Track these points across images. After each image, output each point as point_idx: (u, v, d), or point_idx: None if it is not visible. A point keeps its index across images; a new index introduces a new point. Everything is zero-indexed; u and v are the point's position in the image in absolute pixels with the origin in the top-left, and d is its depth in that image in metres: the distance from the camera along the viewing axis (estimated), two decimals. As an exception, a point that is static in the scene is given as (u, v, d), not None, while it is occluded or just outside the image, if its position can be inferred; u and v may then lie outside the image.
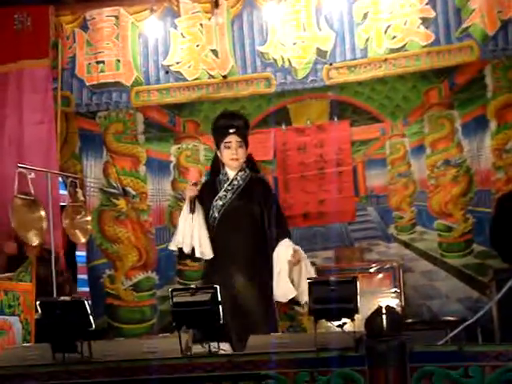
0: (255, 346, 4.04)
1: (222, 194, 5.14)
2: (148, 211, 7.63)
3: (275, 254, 5.05)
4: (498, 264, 6.46)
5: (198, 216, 5.06)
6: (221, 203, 5.12)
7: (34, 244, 6.56)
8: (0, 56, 7.48)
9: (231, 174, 5.20)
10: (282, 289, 4.98)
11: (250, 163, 5.30)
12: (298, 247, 5.08)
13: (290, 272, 4.98)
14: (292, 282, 4.98)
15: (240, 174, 5.20)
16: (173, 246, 5.21)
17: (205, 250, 5.06)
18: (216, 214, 5.13)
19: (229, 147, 5.17)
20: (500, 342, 4.51)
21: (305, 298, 4.81)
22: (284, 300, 4.99)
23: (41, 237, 6.60)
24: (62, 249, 7.11)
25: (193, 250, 5.07)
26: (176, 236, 5.16)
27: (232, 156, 5.17)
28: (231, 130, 5.16)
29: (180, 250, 5.13)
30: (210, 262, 5.15)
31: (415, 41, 7.00)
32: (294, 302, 5.09)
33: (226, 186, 5.16)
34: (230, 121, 5.25)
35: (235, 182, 5.17)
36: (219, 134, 5.24)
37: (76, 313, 4.09)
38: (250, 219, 5.11)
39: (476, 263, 6.97)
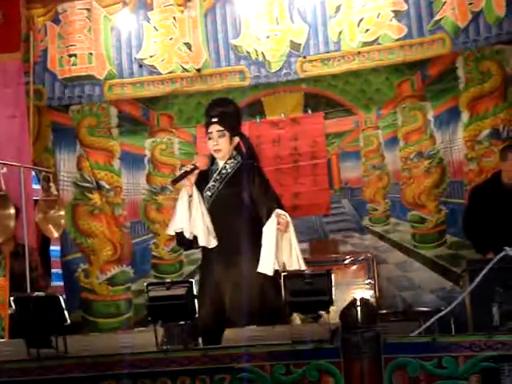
0: (231, 339, 4.05)
1: (210, 184, 5.04)
2: (122, 205, 7.62)
3: (264, 228, 4.92)
4: (470, 255, 6.53)
5: (200, 204, 4.95)
6: (209, 194, 5.03)
7: (-2, 241, 6.49)
8: (-29, 50, 7.42)
9: (220, 163, 5.11)
10: (266, 261, 4.85)
11: (244, 149, 5.16)
12: (282, 212, 4.94)
13: (276, 242, 4.86)
14: (281, 252, 4.88)
15: (229, 162, 5.09)
16: (171, 231, 5.08)
17: (210, 239, 4.94)
18: (206, 205, 5.07)
19: (210, 138, 5.12)
20: (472, 332, 4.55)
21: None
22: (269, 273, 4.88)
23: (6, 234, 6.52)
24: (35, 244, 7.06)
25: (194, 237, 4.95)
26: (174, 220, 5.00)
27: (214, 147, 5.09)
28: (213, 120, 5.09)
29: (179, 235, 5.01)
30: (205, 254, 5.10)
31: (388, 34, 6.99)
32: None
33: (215, 175, 5.11)
34: (211, 110, 5.14)
35: (223, 171, 5.08)
36: (205, 125, 5.20)
37: (51, 308, 4.07)
38: (240, 207, 4.98)
39: (449, 254, 7.04)
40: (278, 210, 4.95)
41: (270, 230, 4.90)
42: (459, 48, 6.91)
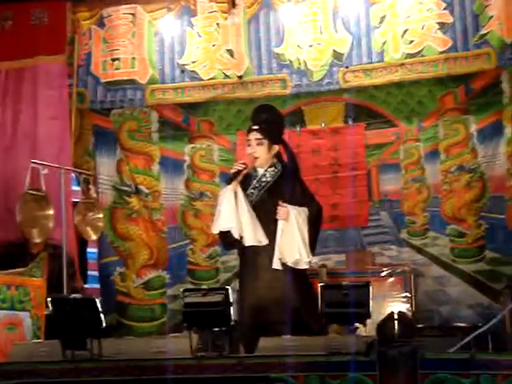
0: (266, 348, 4.03)
1: (250, 191, 5.02)
2: (161, 210, 7.62)
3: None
4: (510, 271, 6.44)
5: (246, 202, 4.92)
6: (249, 201, 4.99)
7: (37, 241, 6.55)
8: (16, 51, 7.48)
9: (260, 170, 5.09)
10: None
11: (285, 158, 5.12)
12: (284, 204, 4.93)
13: (281, 232, 4.87)
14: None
15: (269, 170, 5.08)
16: (216, 230, 5.04)
17: (260, 236, 4.92)
18: None
19: (249, 145, 5.10)
20: (512, 351, 4.49)
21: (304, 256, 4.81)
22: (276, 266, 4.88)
23: (45, 234, 6.58)
24: (74, 245, 7.10)
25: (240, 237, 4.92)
26: (220, 219, 4.96)
27: (251, 154, 5.09)
28: (253, 127, 5.08)
29: (225, 234, 4.98)
30: (243, 260, 5.08)
31: (432, 46, 6.94)
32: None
33: (254, 183, 5.08)
34: (254, 116, 5.17)
35: (263, 179, 5.06)
36: (247, 130, 5.18)
37: (87, 310, 4.09)
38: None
39: (488, 270, 6.94)
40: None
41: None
42: (505, 63, 6.81)
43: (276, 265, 4.88)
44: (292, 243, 4.87)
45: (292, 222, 4.88)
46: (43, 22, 7.51)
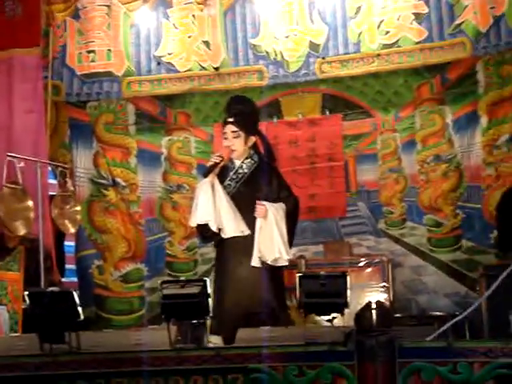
0: (244, 339, 4.03)
1: (226, 183, 5.03)
2: (138, 202, 7.60)
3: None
4: (486, 260, 6.49)
5: (224, 194, 4.94)
6: (226, 192, 5.01)
7: (21, 234, 6.51)
8: (-10, 44, 7.43)
9: (237, 162, 5.10)
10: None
11: (261, 149, 5.15)
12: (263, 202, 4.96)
13: (259, 230, 4.90)
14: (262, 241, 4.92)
15: (246, 161, 5.09)
16: (194, 223, 5.06)
17: (241, 226, 4.94)
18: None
19: (226, 138, 5.10)
20: (488, 338, 4.51)
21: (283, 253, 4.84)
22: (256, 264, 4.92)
23: (28, 226, 6.55)
24: (50, 239, 7.07)
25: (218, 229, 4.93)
26: (198, 212, 4.98)
27: (228, 147, 5.09)
28: (229, 120, 5.08)
29: (202, 227, 5.00)
30: (219, 252, 5.09)
31: (408, 37, 6.99)
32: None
33: (231, 174, 5.08)
34: (229, 108, 5.16)
35: (240, 171, 5.06)
36: (222, 123, 5.17)
37: (64, 303, 4.06)
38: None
39: (464, 259, 6.99)
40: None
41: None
42: (480, 52, 6.89)
43: (255, 263, 4.89)
44: (271, 241, 4.88)
45: (270, 219, 4.90)
46: (17, 14, 7.45)
